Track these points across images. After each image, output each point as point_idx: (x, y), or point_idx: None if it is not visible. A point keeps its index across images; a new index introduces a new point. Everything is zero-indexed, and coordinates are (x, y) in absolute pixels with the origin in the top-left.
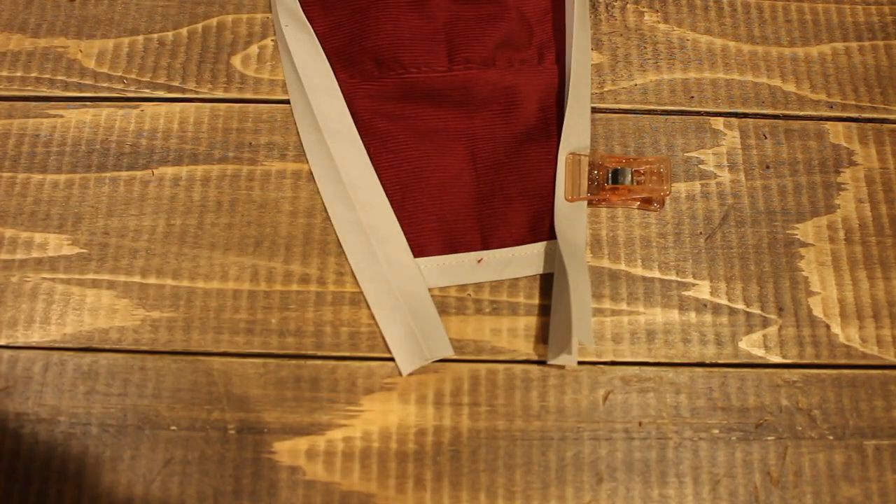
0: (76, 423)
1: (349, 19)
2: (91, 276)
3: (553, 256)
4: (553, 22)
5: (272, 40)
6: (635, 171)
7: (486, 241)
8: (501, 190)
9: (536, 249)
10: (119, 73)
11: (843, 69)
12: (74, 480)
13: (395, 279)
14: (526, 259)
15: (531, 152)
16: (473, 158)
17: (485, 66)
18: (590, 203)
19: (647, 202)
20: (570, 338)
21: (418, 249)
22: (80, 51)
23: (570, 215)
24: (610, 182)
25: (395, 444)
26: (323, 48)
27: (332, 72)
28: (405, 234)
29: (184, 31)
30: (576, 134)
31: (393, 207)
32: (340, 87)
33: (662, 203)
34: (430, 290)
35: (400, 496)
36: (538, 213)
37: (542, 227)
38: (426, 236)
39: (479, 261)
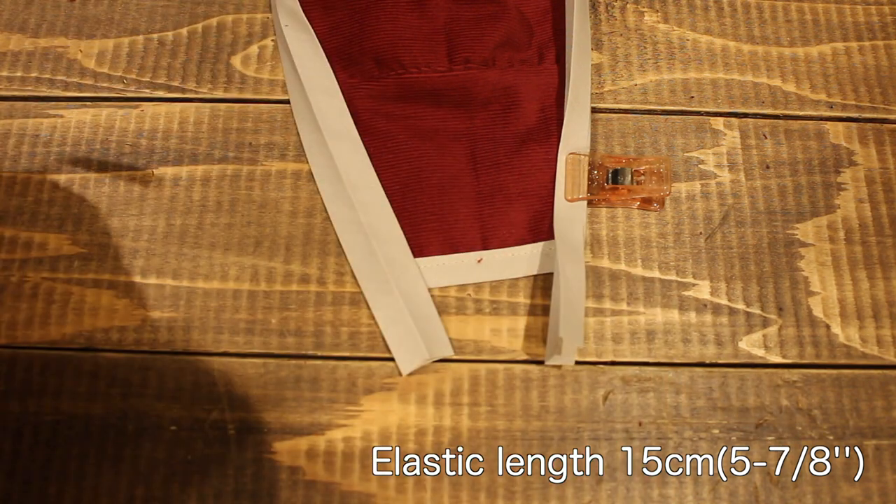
0: (76, 423)
1: (349, 19)
2: (91, 276)
3: (553, 256)
4: (553, 22)
5: (272, 40)
6: (635, 171)
7: (486, 241)
8: (501, 190)
9: (536, 249)
10: (119, 73)
11: (843, 69)
12: (75, 480)
13: (395, 279)
14: (526, 259)
15: (531, 152)
16: (473, 158)
17: (485, 67)
18: (590, 203)
19: (647, 202)
20: (558, 338)
21: (418, 249)
22: (80, 51)
23: (570, 215)
24: (610, 182)
25: (395, 444)
26: (323, 48)
27: (332, 72)
28: (405, 234)
29: (184, 31)
30: (576, 134)
31: (393, 207)
32: (340, 87)
33: (662, 203)
34: (430, 290)
35: (400, 496)
36: (538, 213)
37: (542, 227)
38: (426, 236)
39: (478, 261)
